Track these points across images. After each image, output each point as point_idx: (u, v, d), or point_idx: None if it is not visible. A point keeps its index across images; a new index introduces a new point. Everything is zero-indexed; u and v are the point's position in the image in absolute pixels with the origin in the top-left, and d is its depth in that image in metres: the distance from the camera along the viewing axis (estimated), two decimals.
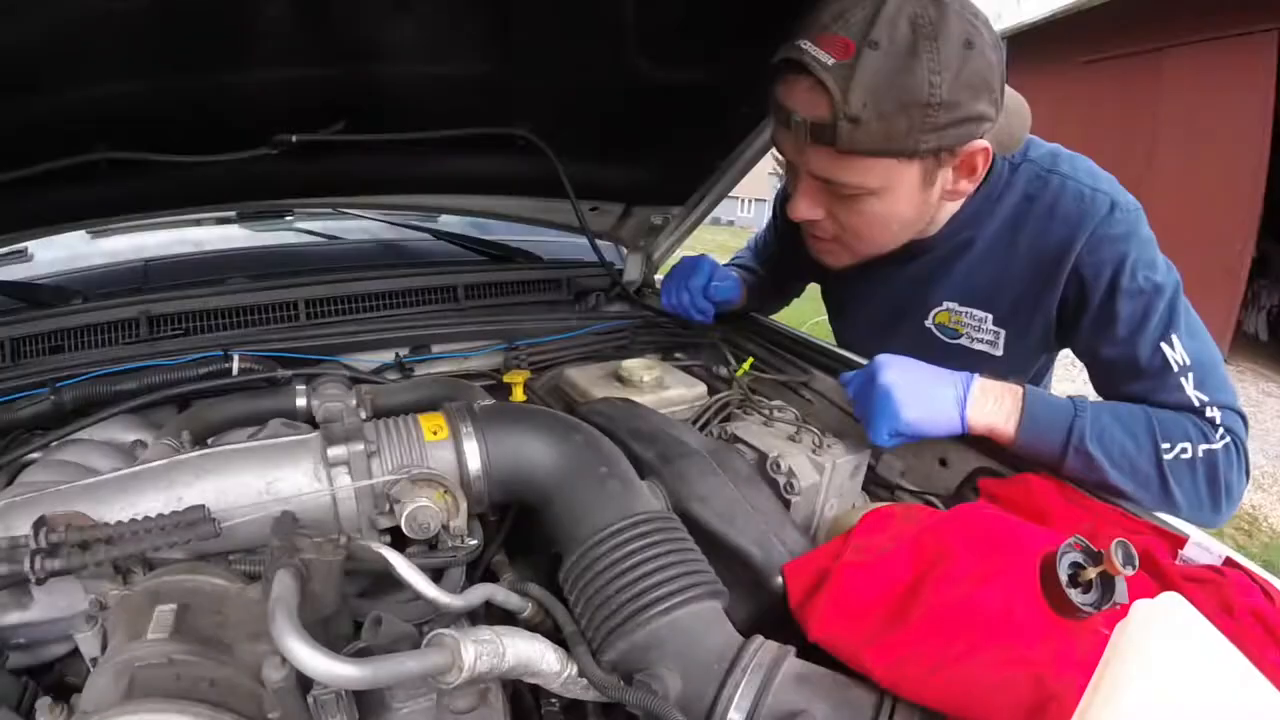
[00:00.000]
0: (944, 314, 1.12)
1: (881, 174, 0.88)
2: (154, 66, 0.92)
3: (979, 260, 1.05)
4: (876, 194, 0.90)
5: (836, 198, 0.94)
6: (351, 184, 1.35)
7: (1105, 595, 0.54)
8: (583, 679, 0.60)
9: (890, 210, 0.93)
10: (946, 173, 0.91)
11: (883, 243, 1.02)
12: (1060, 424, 0.86)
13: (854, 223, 0.97)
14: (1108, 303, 0.93)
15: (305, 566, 0.53)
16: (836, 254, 1.07)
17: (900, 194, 0.91)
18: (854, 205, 0.93)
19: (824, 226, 1.01)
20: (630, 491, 0.71)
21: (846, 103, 0.80)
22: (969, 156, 0.89)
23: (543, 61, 1.11)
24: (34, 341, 1.04)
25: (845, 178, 0.89)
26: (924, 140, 0.83)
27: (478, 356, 1.25)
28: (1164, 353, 0.90)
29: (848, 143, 0.83)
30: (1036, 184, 1.00)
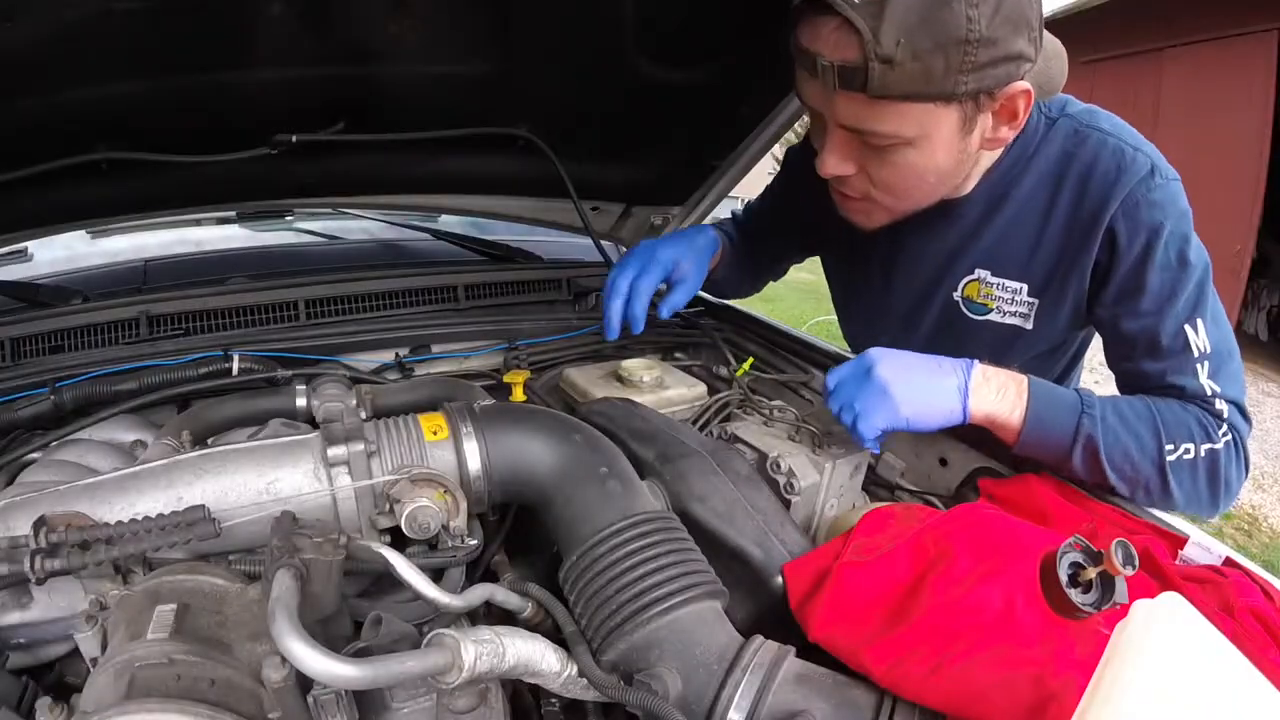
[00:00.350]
0: (973, 285, 1.04)
1: (918, 120, 0.80)
2: (154, 66, 0.92)
3: (1012, 222, 0.98)
4: (913, 143, 0.83)
5: (868, 149, 0.86)
6: (351, 184, 1.35)
7: (1105, 595, 0.54)
8: (583, 679, 0.60)
9: (927, 161, 0.86)
10: (986, 118, 0.84)
11: (919, 198, 0.93)
12: (1067, 421, 0.84)
13: (887, 176, 0.89)
14: (1138, 271, 0.89)
15: (305, 566, 0.53)
16: (869, 212, 0.97)
17: (938, 142, 0.83)
18: (888, 157, 0.86)
19: (854, 183, 0.92)
20: (630, 491, 0.71)
21: (878, 42, 0.72)
22: (1010, 100, 0.81)
23: (543, 61, 1.11)
24: (34, 341, 1.04)
25: (878, 126, 0.82)
26: (963, 81, 0.76)
27: (478, 356, 1.25)
28: (1187, 335, 0.88)
29: (880, 87, 0.76)
30: (1074, 140, 0.93)
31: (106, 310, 1.09)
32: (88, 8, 0.79)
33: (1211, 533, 0.82)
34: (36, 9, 0.78)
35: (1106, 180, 0.89)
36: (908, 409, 0.83)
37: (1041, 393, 0.86)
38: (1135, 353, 0.92)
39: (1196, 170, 6.34)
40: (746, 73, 1.17)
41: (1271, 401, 5.62)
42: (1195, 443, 0.85)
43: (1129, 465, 0.84)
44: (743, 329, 1.40)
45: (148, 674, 0.48)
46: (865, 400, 0.84)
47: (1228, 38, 5.72)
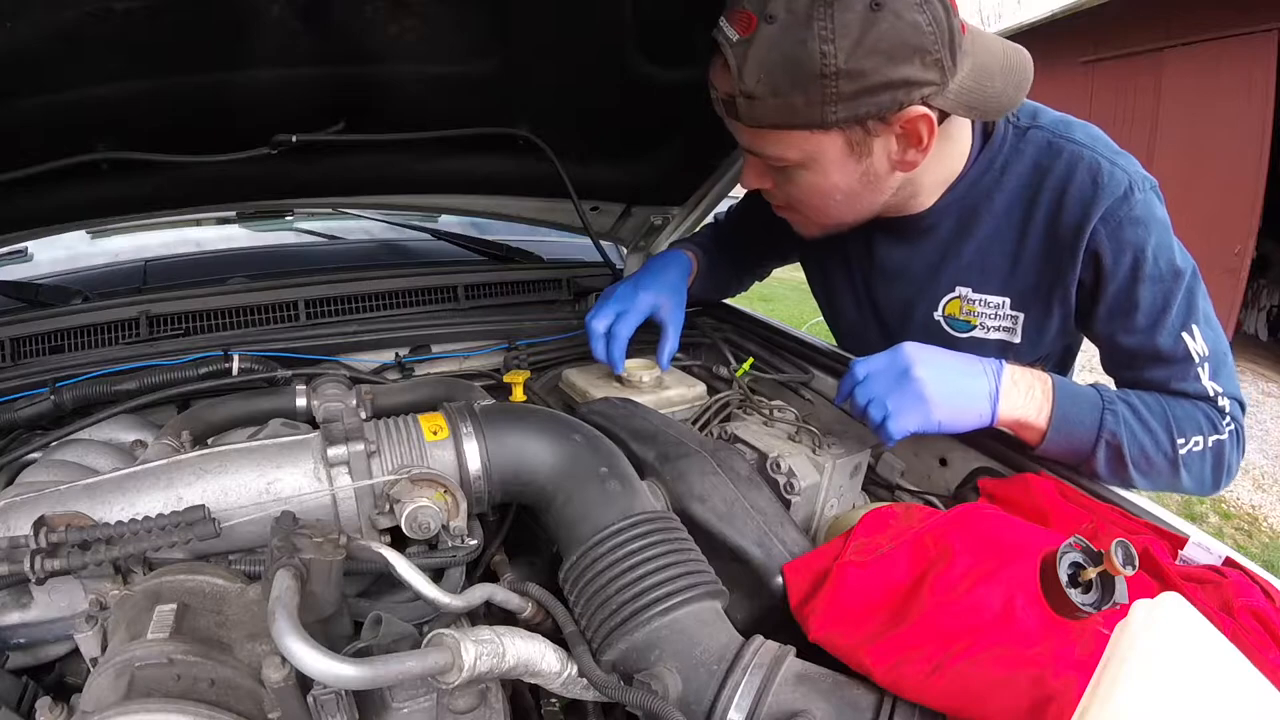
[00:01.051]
0: (955, 302, 1.05)
1: (798, 146, 0.84)
2: (154, 66, 0.92)
3: (990, 237, 0.98)
4: (804, 166, 0.87)
5: (774, 169, 0.92)
6: (351, 184, 1.35)
7: (1105, 595, 0.54)
8: (583, 679, 0.60)
9: (824, 182, 0.89)
10: (888, 142, 0.84)
11: (834, 214, 0.96)
12: (1090, 420, 0.86)
13: (794, 194, 0.94)
14: (1128, 289, 0.90)
15: (305, 566, 0.53)
16: (801, 224, 1.03)
17: (829, 166, 0.86)
18: (789, 176, 0.91)
19: (775, 195, 0.99)
20: (630, 491, 0.71)
21: (741, 79, 0.79)
22: (910, 124, 0.81)
23: (543, 61, 1.11)
24: (34, 341, 1.04)
25: (764, 150, 0.88)
26: (830, 111, 0.78)
27: (478, 356, 1.25)
28: (1185, 343, 0.90)
29: (749, 118, 0.83)
30: (1048, 153, 0.93)
31: (106, 310, 1.09)
32: (88, 7, 0.79)
33: (1211, 533, 0.82)
34: (36, 9, 0.78)
35: (1084, 197, 0.89)
36: (941, 413, 0.83)
37: (1066, 392, 0.87)
38: (1136, 363, 0.94)
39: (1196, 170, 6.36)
40: None
41: (1271, 401, 5.62)
42: (1204, 435, 0.88)
43: (1145, 460, 0.87)
44: (743, 329, 1.40)
45: (148, 674, 0.48)
46: (899, 400, 0.83)
47: (1228, 38, 5.72)
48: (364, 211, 1.85)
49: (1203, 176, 5.90)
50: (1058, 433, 0.86)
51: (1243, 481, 4.40)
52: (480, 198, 1.49)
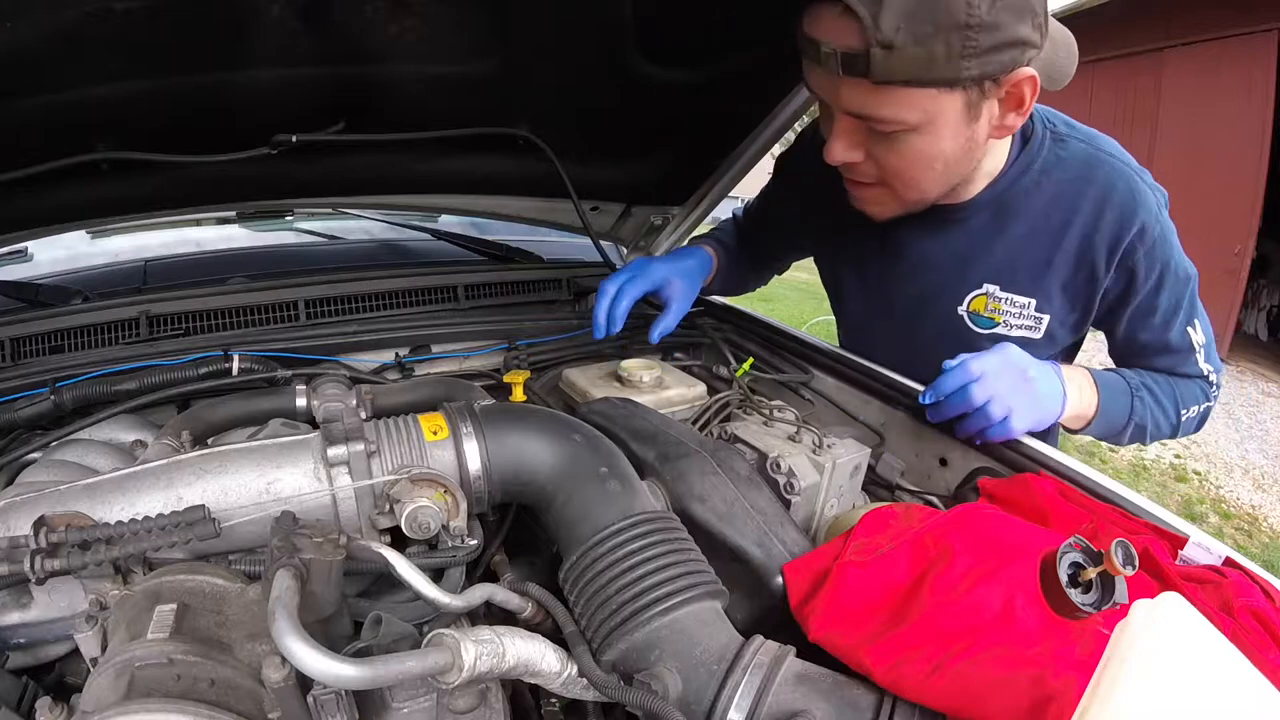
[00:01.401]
0: (981, 299, 1.05)
1: (921, 106, 0.80)
2: (154, 66, 0.92)
3: (1025, 238, 1.00)
4: (918, 129, 0.83)
5: (875, 136, 0.86)
6: (351, 184, 1.35)
7: (1105, 595, 0.54)
8: (583, 679, 0.60)
9: (933, 147, 0.85)
10: (993, 105, 0.83)
11: (927, 186, 0.93)
12: (1123, 406, 1.00)
13: (895, 163, 0.89)
14: (1152, 296, 0.99)
15: (305, 566, 0.53)
16: (881, 201, 0.98)
17: (943, 129, 0.83)
18: (894, 144, 0.86)
19: (864, 170, 0.92)
20: (630, 491, 0.71)
21: (878, 28, 0.73)
22: (1016, 86, 0.81)
23: (543, 61, 1.11)
24: (34, 341, 1.04)
25: (883, 112, 0.82)
26: (965, 67, 0.75)
27: (478, 356, 1.25)
28: (1189, 336, 1.04)
29: (883, 72, 0.76)
30: (1089, 164, 0.96)
31: (106, 310, 1.09)
32: (88, 7, 0.79)
33: (1211, 533, 0.82)
34: (36, 9, 0.78)
35: (1123, 212, 0.95)
36: (1044, 414, 0.89)
37: (1104, 384, 0.98)
38: (1148, 354, 1.06)
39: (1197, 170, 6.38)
40: (746, 73, 1.17)
41: (1271, 401, 5.62)
42: (1199, 404, 1.07)
43: (1156, 431, 1.04)
44: (743, 329, 1.40)
45: (148, 674, 0.48)
46: (1021, 399, 0.87)
47: (1228, 38, 5.72)
48: (364, 211, 1.85)
49: (1203, 176, 5.91)
50: (1101, 420, 0.98)
51: (1243, 481, 4.41)
52: (480, 198, 1.49)
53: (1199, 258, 1.02)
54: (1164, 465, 4.55)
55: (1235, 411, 5.42)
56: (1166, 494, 4.16)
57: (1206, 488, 4.29)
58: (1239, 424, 5.24)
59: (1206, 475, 4.45)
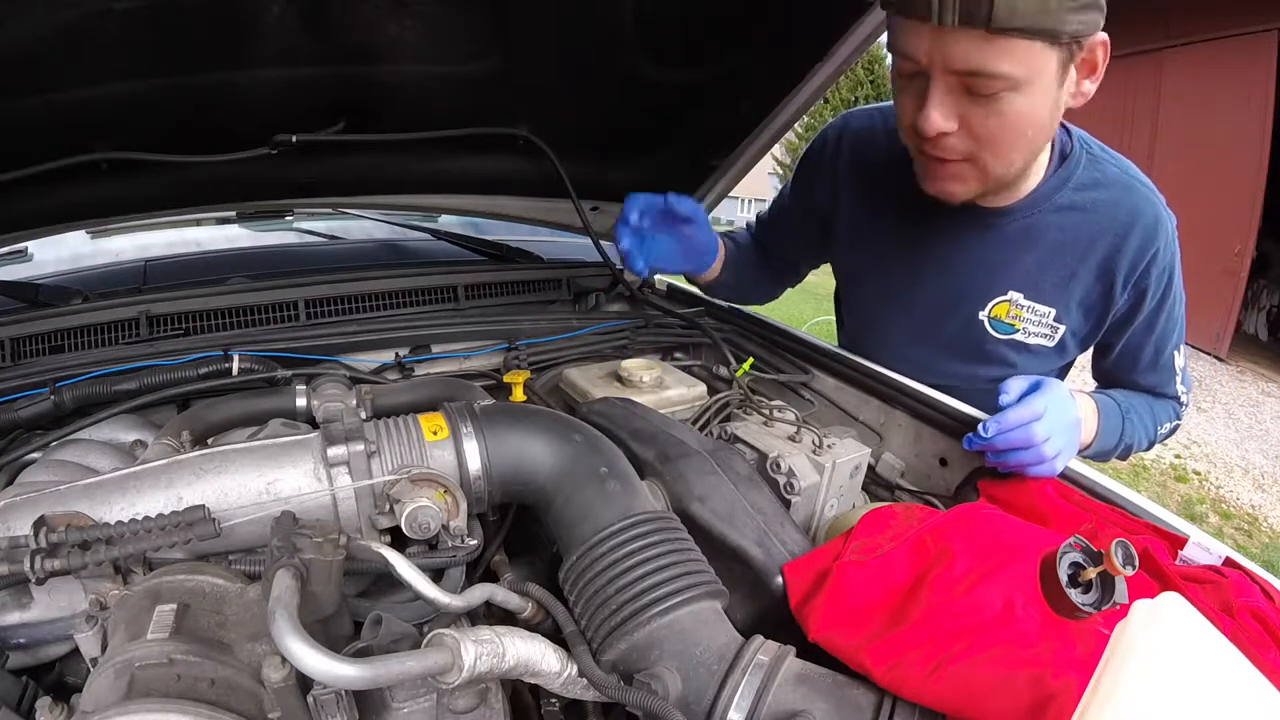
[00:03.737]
0: (1004, 305, 1.07)
1: (1027, 61, 0.81)
2: (154, 66, 0.92)
3: (1054, 250, 1.03)
4: (1019, 88, 0.83)
5: (973, 101, 0.86)
6: (351, 184, 1.35)
7: (1105, 595, 0.54)
8: (583, 679, 0.60)
9: (1031, 109, 0.86)
10: (1071, 70, 0.85)
11: (1016, 155, 0.93)
12: (1116, 430, 1.04)
13: (993, 127, 0.88)
14: (1154, 313, 1.05)
15: (305, 566, 0.53)
16: (964, 178, 0.95)
17: (1040, 88, 0.84)
18: (993, 106, 0.85)
19: (954, 143, 0.91)
20: (630, 491, 0.71)
21: None
22: (1092, 50, 0.84)
23: (542, 61, 1.11)
24: (34, 341, 1.04)
25: (994, 65, 0.81)
26: (1068, 20, 0.77)
27: (478, 356, 1.25)
28: (1174, 359, 1.11)
29: (1005, 16, 0.76)
30: (1123, 187, 1.01)
31: (106, 310, 1.09)
32: (88, 7, 0.79)
33: (1211, 533, 0.82)
34: (36, 9, 0.78)
35: (1147, 236, 1.00)
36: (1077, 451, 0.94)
37: (1103, 410, 1.02)
38: (1136, 370, 1.12)
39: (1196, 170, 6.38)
40: (746, 72, 1.17)
41: (1271, 401, 5.62)
42: (1170, 421, 1.15)
43: (1140, 446, 1.10)
44: (743, 329, 1.40)
45: (148, 674, 0.48)
46: (1069, 440, 0.91)
47: (1228, 38, 5.72)
48: (364, 211, 1.85)
49: (1203, 176, 5.91)
50: (1096, 445, 1.02)
51: (1243, 481, 4.41)
52: (480, 198, 1.49)
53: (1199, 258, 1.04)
54: (1164, 465, 4.54)
55: (1235, 411, 5.42)
56: (1166, 494, 4.16)
57: (1206, 488, 4.29)
58: (1239, 424, 5.24)
59: (1206, 475, 4.45)
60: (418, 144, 1.19)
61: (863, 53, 1.13)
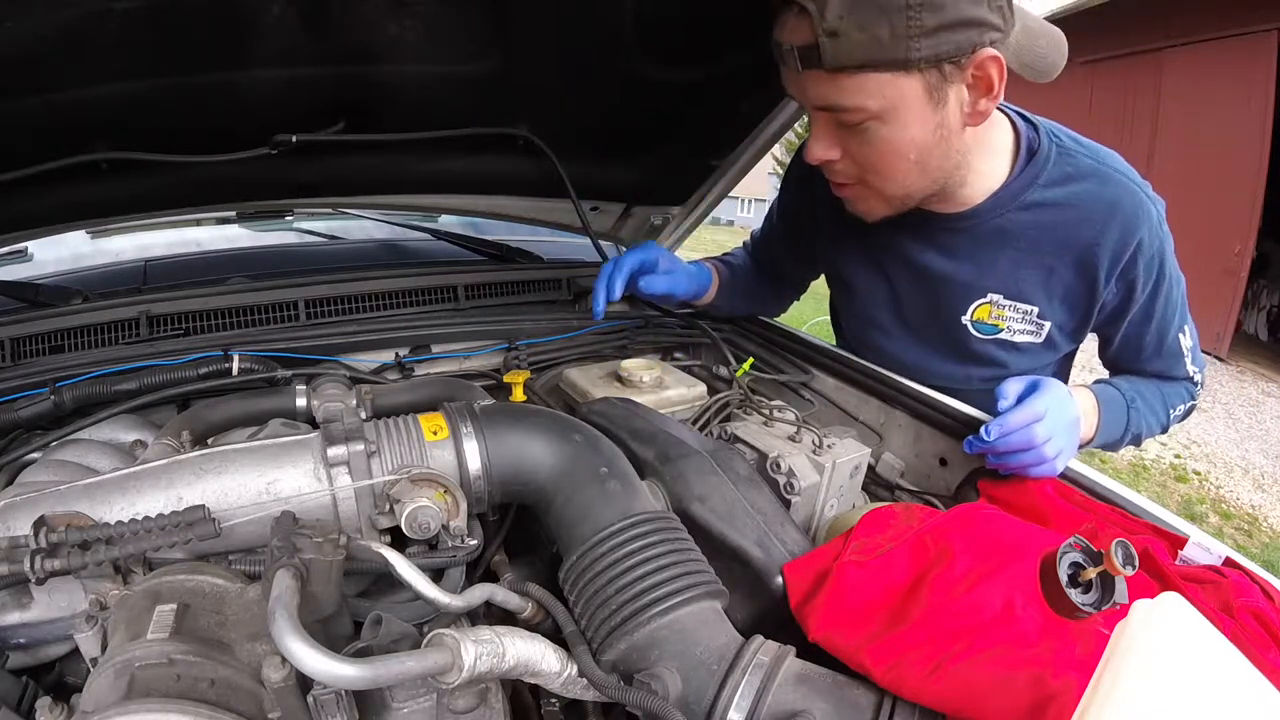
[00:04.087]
0: (984, 308, 1.07)
1: (879, 91, 0.81)
2: (154, 66, 0.92)
3: (1028, 248, 1.01)
4: (881, 117, 0.84)
5: (848, 132, 0.88)
6: (351, 184, 1.35)
7: (1105, 595, 0.54)
8: (583, 679, 0.60)
9: (902, 135, 0.86)
10: (960, 90, 0.84)
11: (904, 178, 0.93)
12: (1120, 421, 1.04)
13: (868, 155, 0.90)
14: (1149, 305, 1.04)
15: (305, 566, 0.53)
16: (866, 199, 0.98)
17: (907, 115, 0.84)
18: (864, 136, 0.87)
19: (842, 169, 0.94)
20: (630, 491, 0.71)
21: (824, 19, 0.77)
22: (980, 68, 0.81)
23: (542, 61, 1.11)
24: (34, 341, 1.04)
25: (843, 100, 0.84)
26: (914, 47, 0.77)
27: (478, 356, 1.25)
28: (1180, 341, 1.09)
29: (833, 59, 0.79)
30: (1096, 178, 0.98)
31: (106, 310, 1.09)
32: (88, 7, 0.79)
33: (1211, 533, 0.82)
34: (36, 9, 0.78)
35: (1128, 226, 0.97)
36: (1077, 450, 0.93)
37: (1104, 402, 1.01)
38: (1141, 357, 1.10)
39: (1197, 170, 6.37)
40: (747, 72, 1.17)
41: (1271, 401, 5.62)
42: (1184, 403, 1.13)
43: (1148, 434, 1.09)
44: (743, 329, 1.40)
45: (148, 674, 0.48)
46: (1069, 440, 0.90)
47: (1228, 38, 5.72)
48: (364, 211, 1.85)
49: (1203, 176, 5.91)
50: (1098, 440, 1.02)
51: (1243, 481, 4.41)
52: (480, 198, 1.49)
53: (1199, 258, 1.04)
54: (1164, 465, 4.55)
55: (1235, 411, 5.42)
56: (1166, 494, 4.16)
57: (1206, 488, 4.29)
58: (1239, 424, 5.24)
59: (1206, 475, 4.45)
60: (418, 144, 1.19)
61: None
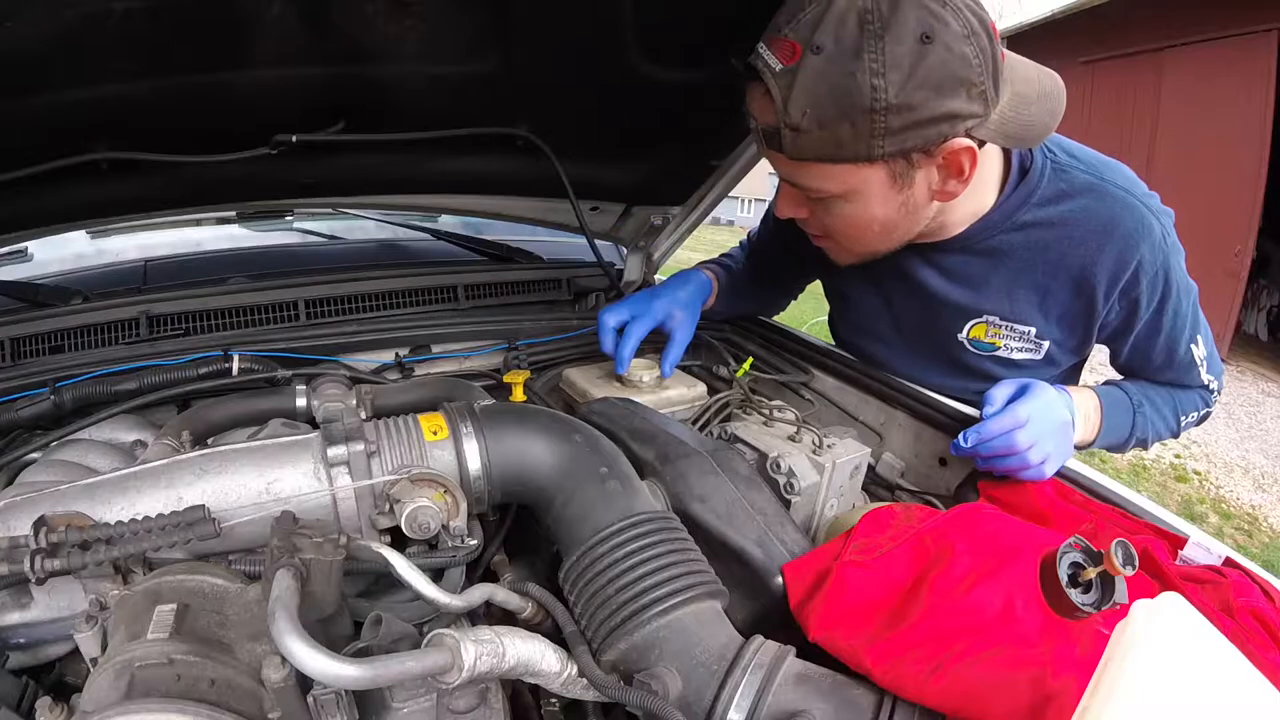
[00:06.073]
0: (980, 327, 1.06)
1: (841, 179, 0.83)
2: (154, 66, 0.91)
3: (1022, 269, 0.99)
4: (845, 198, 0.86)
5: (813, 201, 0.91)
6: (351, 184, 1.35)
7: (1105, 595, 0.54)
8: (583, 679, 0.60)
9: (864, 213, 0.88)
10: (930, 173, 0.84)
11: (869, 243, 0.96)
12: (1125, 424, 1.03)
13: (832, 224, 0.93)
14: (1155, 320, 1.00)
15: (305, 566, 0.53)
16: (835, 251, 1.02)
17: (870, 198, 0.85)
18: (827, 207, 0.90)
19: (811, 224, 0.97)
20: (630, 491, 0.71)
21: (787, 112, 0.77)
22: (952, 156, 0.81)
23: (542, 61, 1.11)
24: (34, 341, 1.04)
25: (805, 182, 0.87)
26: (877, 146, 0.77)
27: (478, 356, 1.25)
28: (1193, 351, 1.05)
29: (794, 150, 0.80)
30: (1093, 194, 0.94)
31: (106, 310, 1.09)
32: (88, 8, 0.79)
33: (1211, 533, 0.82)
34: (36, 9, 0.78)
35: (1127, 244, 0.93)
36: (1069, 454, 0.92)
37: (1108, 404, 1.01)
38: (1151, 368, 1.07)
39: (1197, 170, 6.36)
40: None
41: (1271, 401, 5.62)
42: (1197, 410, 1.11)
43: (1156, 439, 1.08)
44: (743, 329, 1.40)
45: (148, 674, 0.48)
46: (1058, 444, 0.88)
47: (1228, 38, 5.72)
48: (364, 211, 1.85)
49: (1203, 176, 5.90)
50: (1102, 440, 1.02)
51: (1243, 481, 4.41)
52: (480, 198, 1.49)
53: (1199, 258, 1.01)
54: (1164, 465, 4.55)
55: (1235, 411, 5.42)
56: (1166, 494, 4.16)
57: (1206, 488, 4.29)
58: (1239, 424, 5.23)
59: (1206, 475, 4.45)
60: (418, 144, 1.19)
61: None
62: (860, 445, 0.94)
